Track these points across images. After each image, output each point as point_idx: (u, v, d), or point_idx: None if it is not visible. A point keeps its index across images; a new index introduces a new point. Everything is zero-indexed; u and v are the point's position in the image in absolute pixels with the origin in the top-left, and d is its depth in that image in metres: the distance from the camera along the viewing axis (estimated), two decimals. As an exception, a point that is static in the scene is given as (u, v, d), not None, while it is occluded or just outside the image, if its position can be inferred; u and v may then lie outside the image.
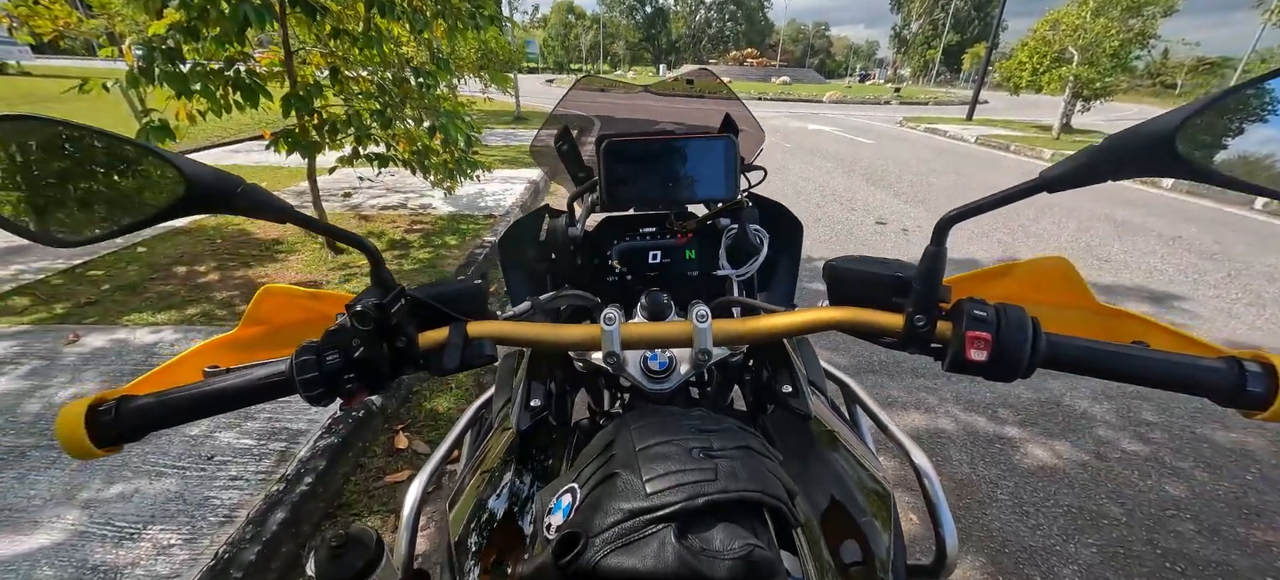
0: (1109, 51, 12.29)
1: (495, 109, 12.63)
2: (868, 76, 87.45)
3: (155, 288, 2.88)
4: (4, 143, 0.36)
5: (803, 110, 19.84)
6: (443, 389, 2.24)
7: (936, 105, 26.98)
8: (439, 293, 0.51)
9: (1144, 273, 3.91)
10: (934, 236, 0.43)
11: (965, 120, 16.02)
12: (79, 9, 3.69)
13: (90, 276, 3.00)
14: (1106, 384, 2.41)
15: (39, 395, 1.93)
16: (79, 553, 1.34)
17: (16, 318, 2.51)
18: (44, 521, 1.42)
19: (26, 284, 2.86)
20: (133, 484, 1.55)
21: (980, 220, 4.96)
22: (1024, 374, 0.41)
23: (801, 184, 6.55)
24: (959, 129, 13.53)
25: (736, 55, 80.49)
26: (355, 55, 3.08)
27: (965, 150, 10.80)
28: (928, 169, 8.12)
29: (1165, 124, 0.34)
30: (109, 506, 1.47)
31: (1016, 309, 0.42)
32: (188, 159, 0.37)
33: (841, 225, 4.84)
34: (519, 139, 8.79)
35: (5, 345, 2.25)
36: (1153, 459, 1.99)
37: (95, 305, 2.66)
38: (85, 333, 2.37)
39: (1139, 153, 0.35)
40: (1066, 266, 0.52)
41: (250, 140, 7.73)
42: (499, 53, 9.35)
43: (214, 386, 0.45)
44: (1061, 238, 4.71)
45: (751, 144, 0.99)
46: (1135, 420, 2.20)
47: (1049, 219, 5.22)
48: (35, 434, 1.74)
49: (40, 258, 3.19)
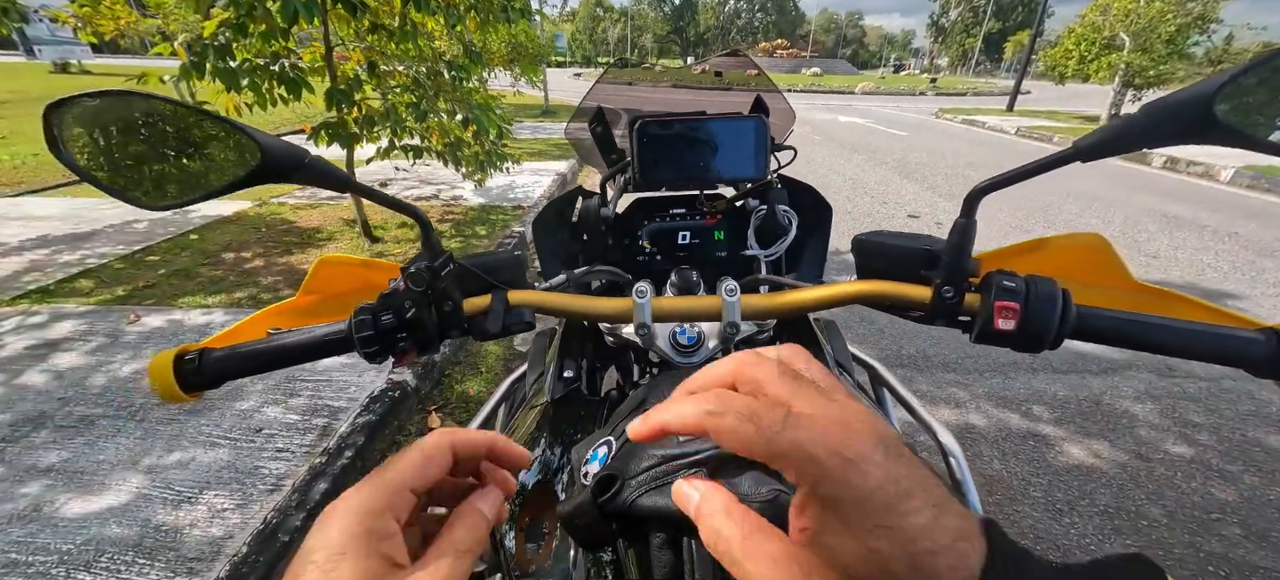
0: (1165, 37, 11.62)
1: (524, 102, 12.79)
2: (902, 67, 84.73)
3: (206, 273, 3.04)
4: (105, 115, 0.40)
5: (834, 102, 19.43)
6: (473, 373, 2.31)
7: (975, 95, 26.03)
8: (482, 262, 0.54)
9: (1195, 269, 3.72)
10: (964, 208, 0.43)
11: (1006, 111, 15.43)
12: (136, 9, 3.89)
13: (148, 261, 3.19)
14: (1151, 383, 2.33)
15: (104, 370, 2.07)
16: (143, 513, 1.44)
17: (83, 298, 2.69)
18: (111, 484, 1.53)
19: (92, 268, 3.05)
20: (189, 452, 1.65)
21: (1017, 212, 4.79)
22: (1052, 345, 0.42)
23: (831, 177, 6.43)
24: (998, 120, 13.04)
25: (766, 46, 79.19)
26: (391, 49, 3.17)
27: (1005, 142, 10.40)
28: (964, 162, 7.86)
29: (1204, 89, 0.34)
30: (168, 472, 1.58)
31: (1047, 280, 0.42)
32: (262, 132, 0.41)
33: (871, 219, 4.74)
34: (547, 132, 8.88)
35: (73, 324, 2.42)
36: (1198, 462, 1.90)
37: (153, 288, 2.82)
38: (145, 313, 2.52)
39: (1176, 118, 0.35)
40: (1101, 243, 0.51)
41: (291, 134, 8.02)
42: (528, 46, 9.45)
43: (280, 342, 0.49)
44: (1107, 232, 4.47)
45: (782, 124, 0.99)
46: (1181, 421, 2.11)
47: (1093, 214, 5.00)
48: (103, 404, 1.87)
49: (103, 244, 3.41)
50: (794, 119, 1.02)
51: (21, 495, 1.49)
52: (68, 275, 2.93)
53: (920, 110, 16.93)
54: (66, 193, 4.62)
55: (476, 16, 3.23)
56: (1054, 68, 14.16)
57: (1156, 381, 2.35)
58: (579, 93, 1.09)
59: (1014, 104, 16.07)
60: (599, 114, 0.94)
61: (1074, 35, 13.42)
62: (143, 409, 1.85)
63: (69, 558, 1.32)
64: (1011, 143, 10.41)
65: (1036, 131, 11.19)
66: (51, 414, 1.81)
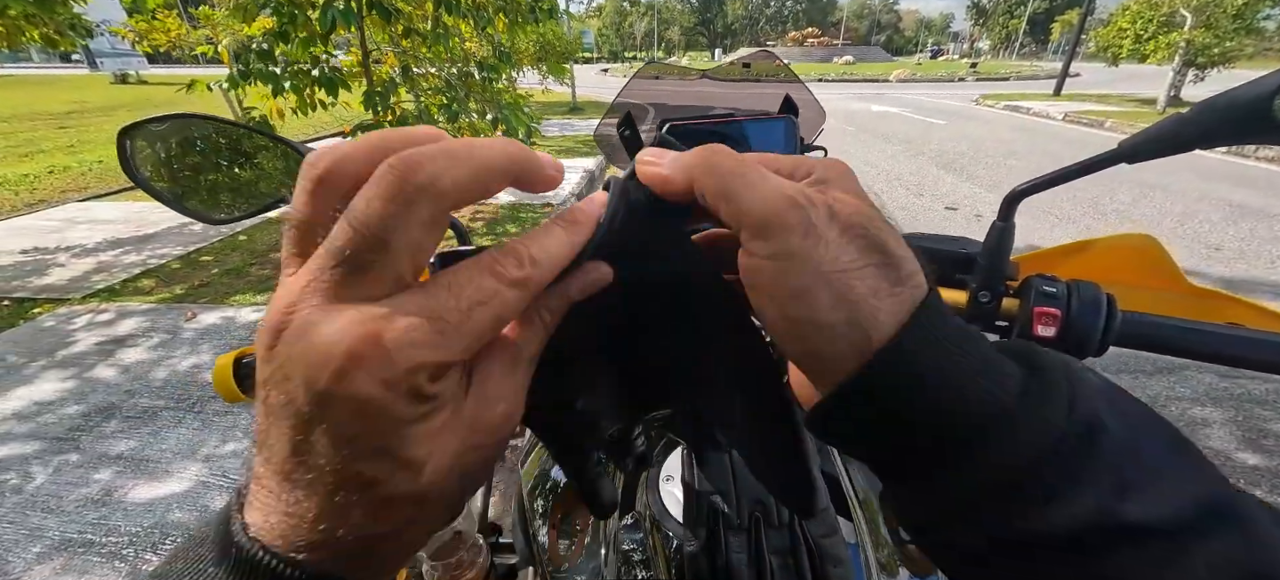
0: (1231, 11, 10.80)
1: (552, 100, 12.91)
2: (940, 52, 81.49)
3: (255, 272, 3.19)
4: (168, 135, 0.44)
5: (867, 91, 18.89)
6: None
7: (1019, 80, 24.85)
8: None
9: (1264, 262, 3.46)
10: (1001, 211, 0.42)
11: (1053, 95, 14.67)
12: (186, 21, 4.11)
13: (202, 261, 3.37)
14: (1219, 386, 2.18)
15: (165, 364, 2.21)
16: (202, 499, 1.54)
17: (145, 297, 2.87)
18: (174, 472, 1.64)
19: (152, 267, 3.25)
20: (242, 443, 1.75)
21: (1063, 205, 4.56)
22: (1095, 352, 0.40)
23: (863, 169, 6.27)
24: (1044, 105, 12.40)
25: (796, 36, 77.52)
26: (424, 52, 3.26)
27: (1051, 128, 9.90)
28: (1006, 150, 7.53)
29: (1263, 87, 0.32)
30: (224, 461, 1.68)
31: (1090, 285, 0.41)
32: (309, 147, 0.43)
33: (907, 212, 4.61)
34: (575, 129, 8.94)
35: (137, 321, 2.58)
36: (1271, 473, 1.78)
37: (206, 287, 2.99)
38: (200, 311, 2.68)
39: (1232, 118, 0.33)
40: (1151, 244, 0.49)
41: (332, 136, 8.33)
42: (556, 45, 9.52)
43: None
44: (1164, 223, 4.24)
45: (811, 124, 0.97)
46: (1256, 430, 1.97)
47: (1149, 203, 4.72)
48: (165, 397, 2.00)
49: (163, 245, 3.62)
50: (824, 118, 1.00)
51: (95, 481, 1.61)
52: (131, 275, 3.13)
53: (959, 97, 16.28)
54: (130, 197, 4.93)
55: (505, 18, 3.28)
56: (1107, 48, 13.37)
57: (1218, 383, 2.21)
58: (605, 87, 1.10)
59: (1062, 87, 15.27)
60: (627, 117, 0.95)
61: (1129, 13, 12.64)
62: (200, 402, 1.96)
63: (137, 539, 1.42)
64: (1058, 129, 9.90)
65: (1086, 116, 10.59)
66: (119, 406, 1.95)
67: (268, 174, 0.44)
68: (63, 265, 3.28)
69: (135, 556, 1.37)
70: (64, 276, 3.11)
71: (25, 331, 2.49)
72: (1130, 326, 0.41)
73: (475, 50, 3.96)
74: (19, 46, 3.55)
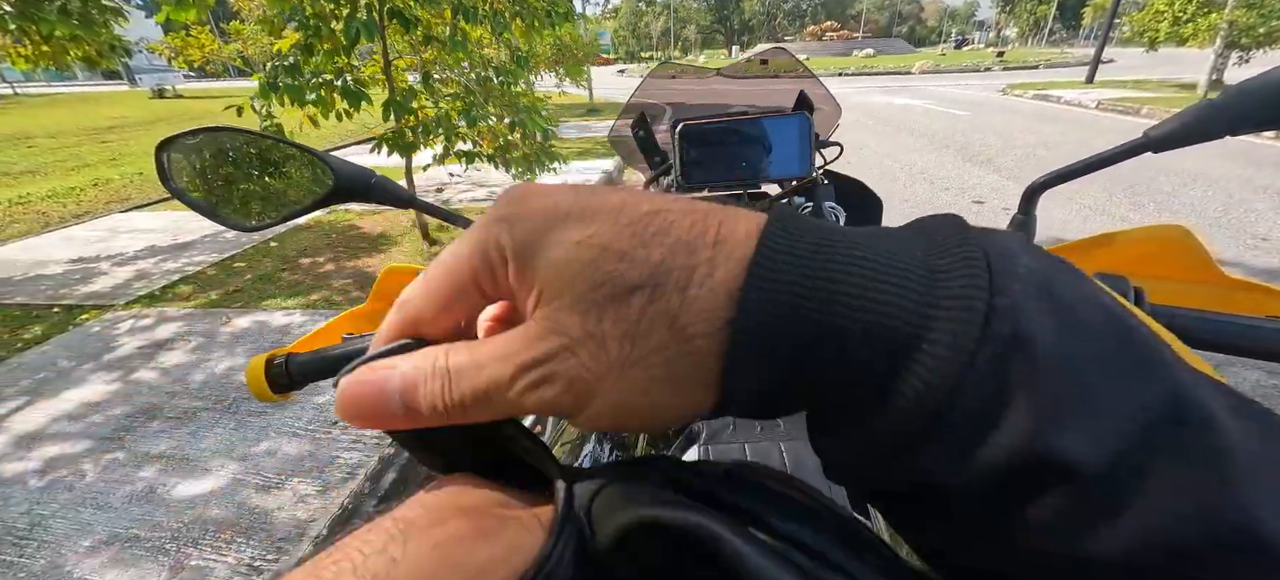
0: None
1: (569, 102, 13.00)
2: (965, 41, 79.26)
3: (286, 277, 3.30)
4: (203, 147, 0.46)
5: (889, 83, 18.53)
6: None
7: (1048, 67, 24.05)
8: None
9: (1317, 251, 3.29)
10: (1021, 204, 0.42)
11: (1085, 83, 14.15)
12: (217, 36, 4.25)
13: (236, 267, 3.50)
14: (1268, 384, 2.08)
15: (202, 367, 2.30)
16: (238, 496, 1.60)
17: (183, 302, 2.99)
18: (212, 470, 1.71)
19: (190, 274, 3.39)
20: (275, 443, 1.81)
21: (1096, 195, 4.40)
22: None
23: (885, 163, 6.15)
24: (1077, 94, 11.95)
25: (814, 30, 76.49)
26: (443, 59, 3.31)
27: (1084, 117, 9.53)
28: (1036, 141, 7.29)
29: None
30: (258, 460, 1.74)
31: (1116, 278, 0.40)
32: (334, 156, 0.45)
33: (931, 207, 4.50)
34: (593, 131, 8.98)
35: (176, 326, 2.69)
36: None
37: (240, 292, 3.10)
38: (235, 315, 2.78)
39: (1264, 103, 0.32)
40: (1184, 235, 0.47)
41: (355, 145, 8.54)
42: (573, 47, 9.58)
43: (354, 347, 0.53)
44: (1207, 212, 4.05)
45: (827, 120, 0.97)
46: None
47: (1191, 191, 4.52)
48: (202, 398, 2.08)
49: (199, 252, 3.77)
50: (840, 113, 0.99)
51: (139, 478, 1.68)
52: (170, 282, 3.26)
53: (985, 87, 15.83)
54: (168, 207, 5.14)
55: (522, 23, 3.32)
56: (1143, 32, 12.83)
57: (1266, 379, 2.11)
58: (622, 88, 1.11)
59: (1094, 74, 14.71)
60: (641, 118, 0.96)
61: (1165, -6, 12.11)
62: (235, 403, 2.04)
63: (179, 535, 1.48)
64: (1092, 118, 9.52)
65: (1122, 104, 10.16)
66: (161, 407, 2.04)
67: (296, 182, 0.46)
68: (106, 273, 3.44)
69: (177, 551, 1.43)
70: (108, 284, 3.27)
71: (74, 337, 2.62)
72: (1161, 320, 0.39)
73: (493, 55, 4.02)
74: (65, 67, 3.73)
